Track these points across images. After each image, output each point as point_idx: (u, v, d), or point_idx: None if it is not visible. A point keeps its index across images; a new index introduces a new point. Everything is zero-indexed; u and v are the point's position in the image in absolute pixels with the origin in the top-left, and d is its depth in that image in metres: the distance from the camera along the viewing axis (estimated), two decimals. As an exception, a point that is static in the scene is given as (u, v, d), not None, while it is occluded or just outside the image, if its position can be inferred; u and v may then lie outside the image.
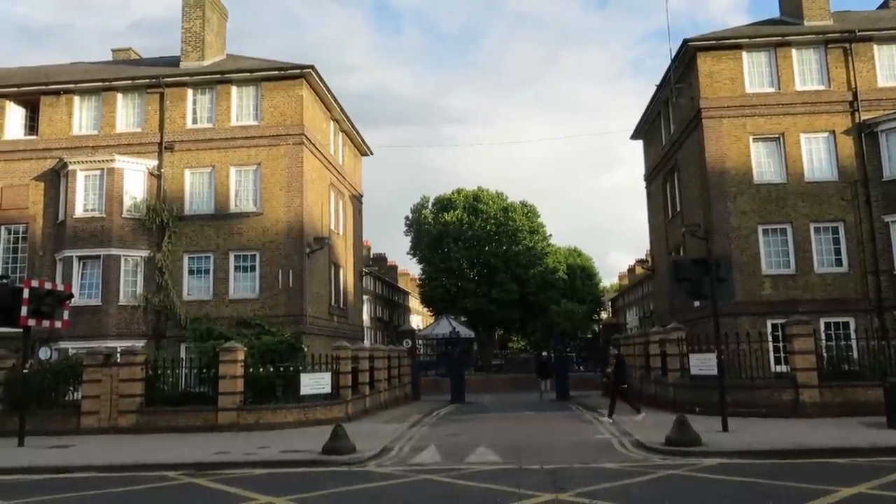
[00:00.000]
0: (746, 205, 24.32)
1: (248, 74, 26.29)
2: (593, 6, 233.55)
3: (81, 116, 26.96)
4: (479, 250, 57.59)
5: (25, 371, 17.43)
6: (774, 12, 29.43)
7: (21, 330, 17.02)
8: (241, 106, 26.41)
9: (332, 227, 29.73)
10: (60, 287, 18.72)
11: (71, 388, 20.25)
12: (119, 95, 26.80)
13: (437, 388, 35.06)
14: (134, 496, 10.91)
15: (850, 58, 24.77)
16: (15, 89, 27.08)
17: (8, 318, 16.50)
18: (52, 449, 15.78)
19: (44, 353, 22.31)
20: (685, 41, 25.46)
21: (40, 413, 18.97)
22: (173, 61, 28.32)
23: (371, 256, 67.95)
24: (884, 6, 30.82)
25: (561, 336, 34.17)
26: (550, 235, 64.26)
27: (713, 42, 25.43)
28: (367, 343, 34.08)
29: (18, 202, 26.26)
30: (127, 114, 26.83)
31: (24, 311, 16.46)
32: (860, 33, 24.70)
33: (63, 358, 21.74)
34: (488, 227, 58.10)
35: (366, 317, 50.82)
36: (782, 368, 20.71)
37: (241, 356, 19.45)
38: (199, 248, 25.53)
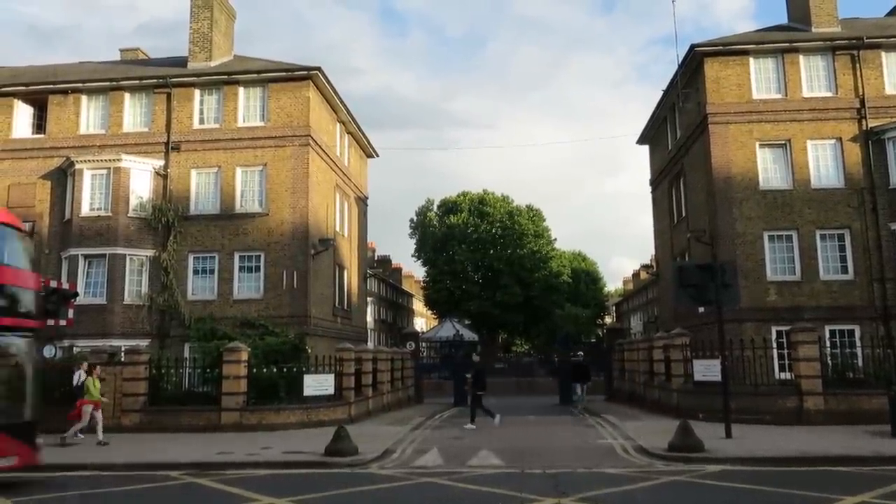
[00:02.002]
0: (752, 211, 24.27)
1: (255, 75, 26.37)
2: (599, 11, 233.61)
3: (89, 116, 27.07)
4: (484, 253, 57.61)
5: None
6: (780, 19, 29.41)
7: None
8: (248, 107, 26.47)
9: (337, 228, 29.76)
10: (66, 285, 18.80)
11: (75, 387, 20.25)
12: (126, 95, 26.90)
13: (440, 391, 35.00)
14: (136, 495, 10.94)
15: (857, 65, 24.70)
16: (23, 88, 27.22)
17: (13, 315, 16.55)
18: (56, 447, 15.80)
19: (48, 351, 22.36)
20: (692, 46, 25.44)
21: (43, 411, 18.99)
22: (181, 62, 28.41)
23: (375, 258, 68.01)
24: (892, 13, 30.76)
25: (565, 340, 34.11)
26: (555, 239, 64.28)
27: (720, 48, 25.41)
28: (370, 345, 34.08)
29: (25, 200, 26.35)
30: (134, 113, 26.93)
31: (29, 308, 16.50)
32: (868, 40, 24.63)
33: (67, 356, 21.78)
34: (493, 231, 58.15)
35: (369, 318, 50.82)
36: (786, 375, 20.63)
37: (244, 356, 19.47)
38: (204, 248, 25.59)
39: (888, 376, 17.80)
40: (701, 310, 22.85)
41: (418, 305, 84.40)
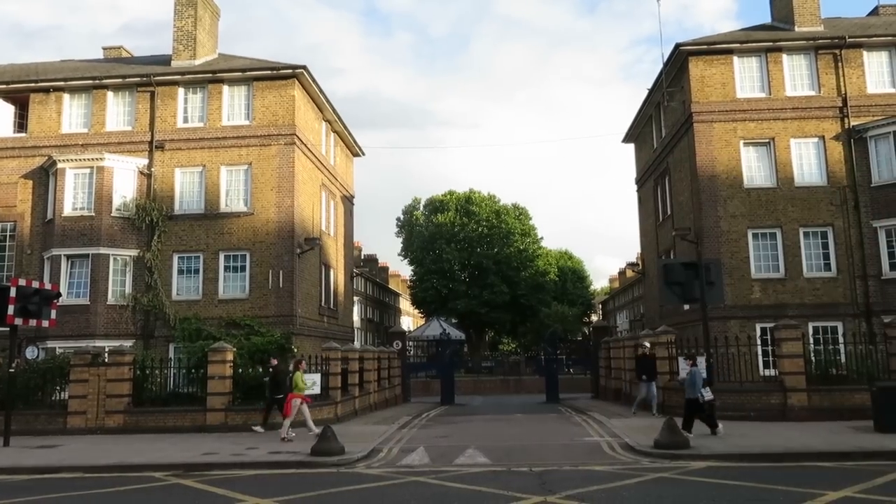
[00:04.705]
0: (736, 209, 24.42)
1: (240, 74, 26.19)
2: (583, 11, 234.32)
3: (71, 114, 26.77)
4: (471, 252, 57.70)
5: (12, 370, 17.30)
6: (762, 20, 29.62)
7: (7, 329, 16.89)
8: (233, 105, 26.29)
9: (323, 227, 29.64)
10: (48, 286, 18.58)
11: (58, 388, 20.10)
12: (109, 94, 26.63)
13: (428, 390, 35.05)
14: (120, 497, 10.83)
15: (840, 64, 24.92)
16: (4, 86, 26.84)
17: (-5, 316, 16.36)
18: (39, 449, 15.66)
19: (31, 353, 22.16)
20: (677, 45, 25.55)
21: (27, 413, 18.85)
22: (164, 60, 28.18)
23: (362, 257, 67.87)
24: (874, 13, 31.06)
25: (552, 338, 34.18)
26: (542, 238, 64.48)
27: (705, 47, 25.53)
28: (357, 344, 33.97)
29: (7, 200, 26.05)
30: (117, 112, 26.66)
31: (10, 309, 16.33)
32: (850, 40, 24.85)
33: (50, 357, 21.56)
34: (480, 230, 58.21)
35: (356, 318, 50.69)
36: (771, 372, 20.80)
37: (230, 356, 19.37)
38: (188, 247, 25.39)
39: (871, 372, 18.01)
40: (686, 307, 23.00)
41: (405, 304, 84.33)
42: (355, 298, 46.29)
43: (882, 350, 18.57)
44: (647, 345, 21.03)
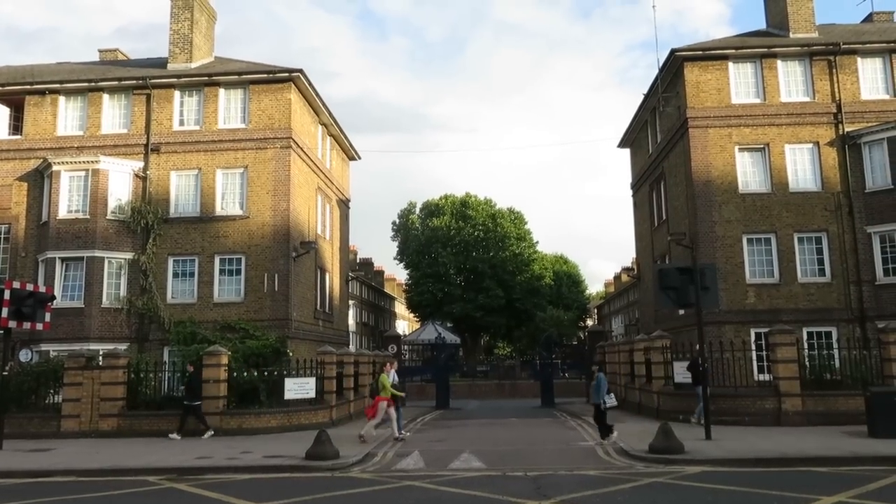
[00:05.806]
0: (731, 214, 24.49)
1: (237, 77, 26.18)
2: (577, 16, 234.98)
3: (67, 117, 26.71)
4: (467, 256, 57.69)
5: (5, 373, 17.23)
6: (755, 26, 29.70)
7: (1, 331, 16.82)
8: (229, 108, 26.27)
9: (319, 231, 29.62)
10: (42, 289, 18.52)
11: (52, 391, 20.02)
12: (105, 96, 26.59)
13: (423, 394, 34.96)
14: (114, 501, 10.79)
15: (834, 70, 25.04)
16: (-1, 88, 26.81)
17: (-12, 319, 16.29)
18: (32, 452, 15.59)
19: (24, 355, 22.05)
20: (673, 51, 25.64)
21: (20, 416, 18.78)
22: (161, 63, 28.15)
23: (357, 261, 67.83)
24: (868, 20, 31.22)
25: (547, 342, 34.17)
26: (537, 242, 64.54)
27: (700, 52, 25.62)
28: (352, 348, 33.97)
29: (1, 202, 25.97)
30: (113, 115, 26.61)
31: (4, 312, 16.27)
32: (845, 46, 24.96)
33: (44, 360, 21.50)
34: (476, 233, 58.23)
35: (351, 322, 50.64)
36: (765, 377, 20.85)
37: (224, 360, 19.32)
38: (183, 250, 25.34)
39: (864, 377, 18.07)
40: (681, 312, 23.02)
41: (400, 308, 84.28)
42: (351, 302, 46.27)
43: (876, 355, 18.66)
44: (698, 347, 18.60)
